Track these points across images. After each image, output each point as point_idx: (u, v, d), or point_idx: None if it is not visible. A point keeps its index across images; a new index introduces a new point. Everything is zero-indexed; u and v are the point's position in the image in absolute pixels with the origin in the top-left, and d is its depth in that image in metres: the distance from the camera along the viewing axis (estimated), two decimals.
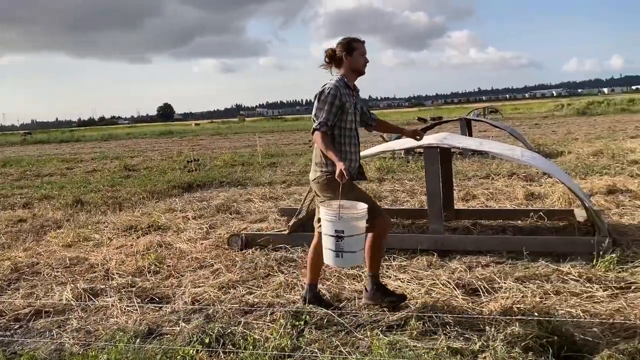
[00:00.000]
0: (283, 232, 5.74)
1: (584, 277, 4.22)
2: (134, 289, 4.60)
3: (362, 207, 3.54)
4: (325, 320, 3.64)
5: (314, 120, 3.70)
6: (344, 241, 3.41)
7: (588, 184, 8.34)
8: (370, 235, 3.75)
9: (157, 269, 5.18)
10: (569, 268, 4.43)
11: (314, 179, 3.81)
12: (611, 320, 3.37)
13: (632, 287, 3.99)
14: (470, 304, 3.87)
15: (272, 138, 29.98)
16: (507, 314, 3.56)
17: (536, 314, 3.49)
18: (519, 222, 6.23)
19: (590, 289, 3.99)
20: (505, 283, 4.21)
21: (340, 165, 3.47)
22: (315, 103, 3.72)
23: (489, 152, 5.51)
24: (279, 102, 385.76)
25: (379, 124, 4.26)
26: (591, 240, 4.76)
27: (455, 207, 6.80)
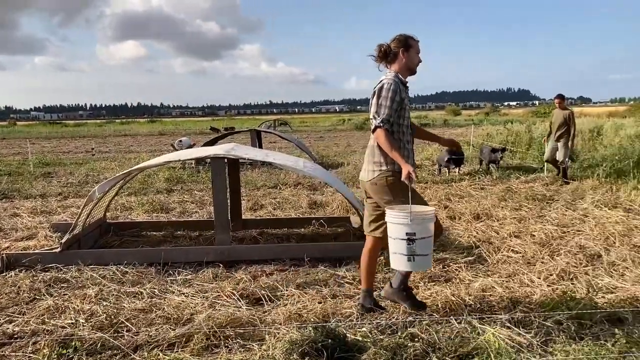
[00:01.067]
0: (54, 250, 5.19)
1: (357, 279, 4.55)
2: None
3: (430, 208, 3.50)
4: (99, 344, 3.35)
5: (375, 117, 3.53)
6: (416, 244, 3.35)
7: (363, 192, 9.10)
8: None
9: None
10: (345, 272, 4.76)
11: (370, 180, 3.64)
12: (378, 319, 3.67)
13: None
14: (254, 314, 3.90)
15: (49, 145, 27.20)
16: (288, 321, 3.67)
17: (312, 319, 3.65)
18: (303, 229, 6.53)
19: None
20: (287, 290, 4.35)
21: (408, 168, 3.39)
22: (374, 99, 3.56)
23: (274, 163, 5.67)
24: (58, 105, 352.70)
25: (417, 131, 3.96)
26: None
27: (244, 217, 6.88)
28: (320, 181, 9.88)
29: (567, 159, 9.83)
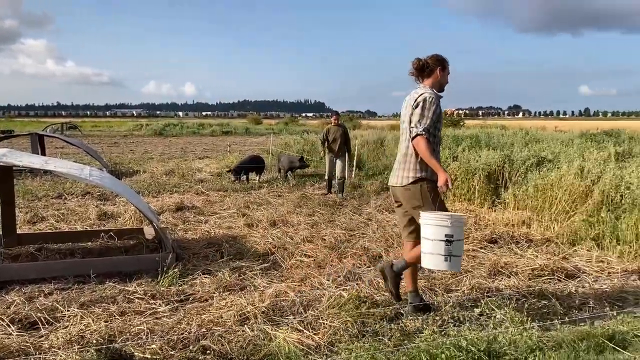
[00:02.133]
0: None
1: (149, 294, 4.34)
2: None
3: (461, 214, 3.72)
4: None
5: (416, 126, 3.69)
6: (452, 245, 3.54)
7: (160, 201, 8.78)
8: None
9: None
10: (135, 287, 4.49)
11: (404, 185, 3.82)
12: (170, 334, 3.53)
13: (190, 299, 4.31)
14: (27, 340, 3.47)
15: None
16: (67, 345, 3.34)
17: (96, 340, 3.37)
18: (90, 243, 6.03)
19: (154, 306, 4.12)
20: (69, 311, 3.96)
21: (445, 175, 3.63)
22: (417, 110, 3.73)
23: (54, 172, 5.15)
24: None
25: None
26: (156, 257, 4.96)
27: (19, 232, 6.13)
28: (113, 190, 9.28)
29: (344, 174, 9.89)
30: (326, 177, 10.15)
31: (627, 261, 5.30)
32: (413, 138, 3.72)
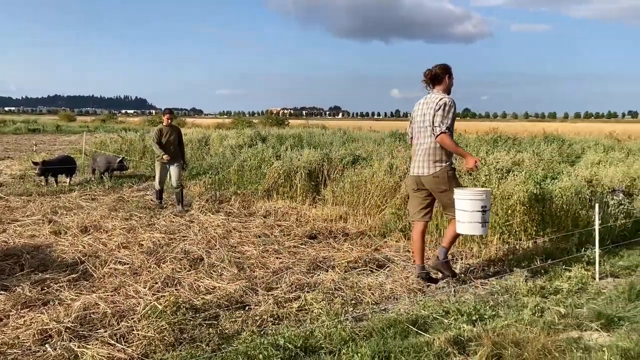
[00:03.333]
0: None
1: None
2: None
3: (487, 188, 5.31)
4: None
5: (440, 125, 4.49)
6: (487, 213, 4.47)
7: None
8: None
9: None
10: None
11: (432, 174, 4.61)
12: None
13: None
14: None
15: None
16: None
17: None
18: None
19: None
20: None
21: (474, 158, 4.58)
22: (439, 112, 4.52)
23: None
24: None
25: None
26: None
27: None
28: None
29: (182, 182, 8.51)
30: (157, 187, 8.49)
31: (428, 250, 5.84)
32: (437, 136, 4.52)
